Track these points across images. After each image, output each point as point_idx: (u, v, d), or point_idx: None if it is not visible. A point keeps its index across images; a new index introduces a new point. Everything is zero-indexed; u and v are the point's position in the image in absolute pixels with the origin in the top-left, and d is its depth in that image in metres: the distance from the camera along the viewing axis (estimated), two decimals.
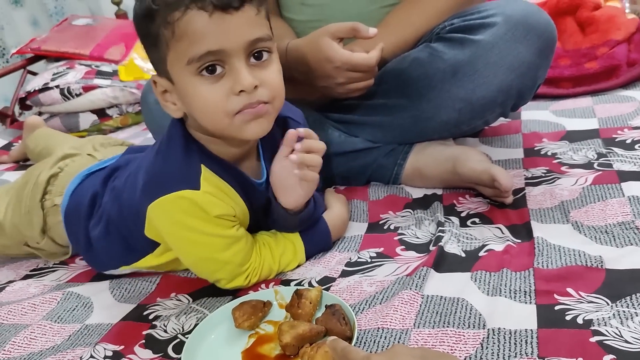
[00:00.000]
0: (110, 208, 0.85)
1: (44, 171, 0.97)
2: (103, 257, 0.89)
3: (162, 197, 0.73)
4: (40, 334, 0.79)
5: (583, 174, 0.94)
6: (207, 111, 0.71)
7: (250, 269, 0.81)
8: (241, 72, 0.68)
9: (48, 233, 0.96)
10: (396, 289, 0.75)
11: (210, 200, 0.75)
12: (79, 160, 0.99)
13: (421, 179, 1.02)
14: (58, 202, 0.94)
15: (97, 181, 0.91)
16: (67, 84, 1.70)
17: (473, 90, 0.91)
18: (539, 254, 0.75)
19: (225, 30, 0.67)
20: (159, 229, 0.78)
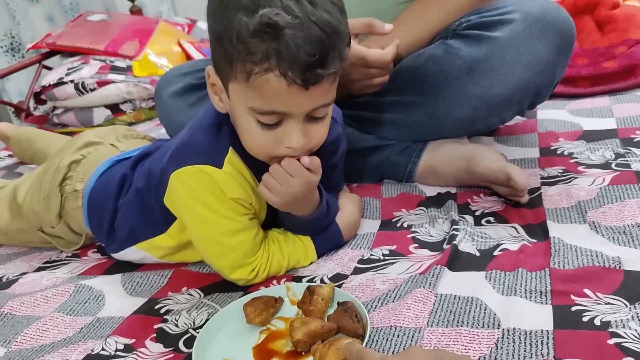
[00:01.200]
0: (138, 181, 0.87)
1: (66, 157, 0.98)
2: (122, 232, 0.89)
3: (184, 167, 0.75)
4: (52, 326, 0.79)
5: (600, 174, 0.92)
6: (251, 146, 0.74)
7: (257, 263, 0.80)
8: (294, 133, 0.70)
9: (64, 218, 0.98)
10: (409, 287, 0.74)
11: (229, 181, 0.76)
12: (102, 149, 1.01)
13: (435, 177, 1.01)
14: (79, 187, 0.95)
15: (126, 165, 0.93)
16: (81, 79, 1.71)
17: (489, 87, 0.90)
18: (555, 254, 0.74)
19: (297, 100, 0.67)
20: (176, 199, 0.79)
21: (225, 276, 0.82)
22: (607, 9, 1.41)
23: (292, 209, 0.80)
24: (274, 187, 0.76)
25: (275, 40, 0.63)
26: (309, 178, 0.76)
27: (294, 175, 0.75)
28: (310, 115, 0.71)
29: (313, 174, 0.76)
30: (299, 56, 0.63)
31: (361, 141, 1.05)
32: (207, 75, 0.75)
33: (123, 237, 0.90)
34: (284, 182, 0.75)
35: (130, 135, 1.11)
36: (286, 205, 0.79)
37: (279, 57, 0.64)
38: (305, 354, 0.65)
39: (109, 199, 0.92)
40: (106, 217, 0.91)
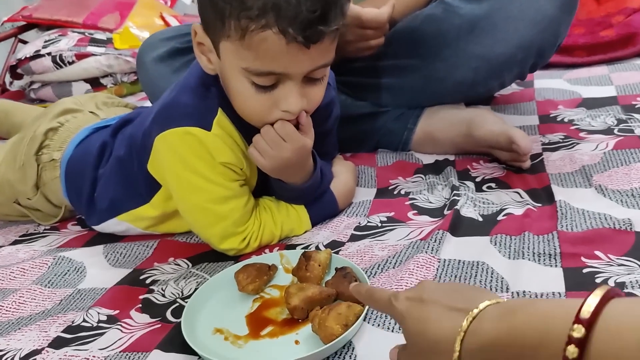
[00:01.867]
0: (119, 149, 0.82)
1: (42, 124, 0.92)
2: (102, 203, 0.84)
3: (171, 130, 0.70)
4: (30, 298, 0.74)
5: (603, 139, 0.89)
6: (244, 110, 0.70)
7: (248, 231, 0.76)
8: (292, 95, 0.66)
9: (42, 189, 0.92)
10: (410, 253, 0.70)
11: (219, 144, 0.71)
12: (80, 117, 0.95)
13: (432, 144, 0.97)
14: (57, 156, 0.90)
15: (106, 133, 0.87)
16: (59, 52, 1.63)
17: (491, 46, 0.86)
18: (562, 217, 0.71)
19: (296, 60, 0.63)
20: (162, 164, 0.74)
21: (214, 246, 0.77)
22: None
23: (284, 176, 0.76)
24: (265, 150, 0.72)
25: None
26: (302, 143, 0.71)
27: (286, 139, 0.70)
28: (309, 76, 0.67)
29: (307, 139, 0.72)
30: (299, 12, 0.59)
31: (355, 108, 1.01)
32: (193, 33, 0.70)
33: (104, 209, 0.85)
34: (275, 145, 0.71)
35: (111, 103, 1.05)
36: (277, 171, 0.74)
37: (278, 12, 0.59)
38: (302, 322, 0.61)
39: (88, 168, 0.86)
40: (85, 188, 0.86)
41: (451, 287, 0.44)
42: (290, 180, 0.77)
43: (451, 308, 0.40)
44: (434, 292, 0.43)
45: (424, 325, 0.41)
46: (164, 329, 0.64)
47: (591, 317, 0.30)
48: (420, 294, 0.43)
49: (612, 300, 0.31)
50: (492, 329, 0.36)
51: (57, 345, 0.63)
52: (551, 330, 0.32)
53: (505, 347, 0.35)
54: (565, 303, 0.33)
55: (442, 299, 0.41)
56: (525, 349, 0.34)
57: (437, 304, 0.41)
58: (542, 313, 0.34)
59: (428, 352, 0.41)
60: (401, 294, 0.45)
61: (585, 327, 0.30)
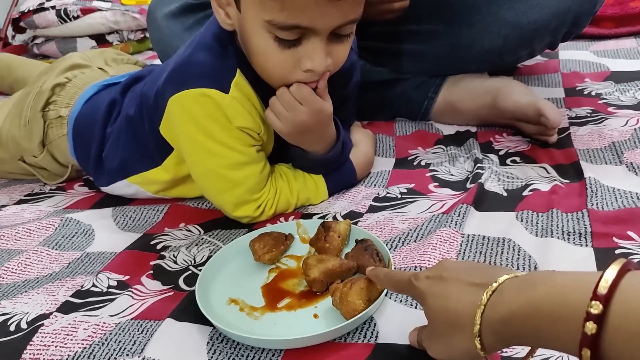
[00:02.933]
0: (129, 107, 0.78)
1: (49, 79, 0.88)
2: (112, 164, 0.81)
3: (186, 91, 0.66)
4: (37, 260, 0.72)
5: (633, 115, 0.86)
6: (266, 68, 0.66)
7: (263, 199, 0.73)
8: (317, 53, 0.62)
9: (48, 147, 0.89)
10: (432, 226, 0.67)
11: (236, 107, 0.67)
12: (89, 73, 0.91)
13: (454, 115, 0.93)
14: (64, 113, 0.86)
15: (116, 90, 0.84)
16: (64, 5, 1.58)
17: (525, 12, 0.82)
18: (592, 195, 0.68)
19: (324, 13, 0.59)
20: (175, 127, 0.70)
21: (228, 213, 0.74)
22: None
23: (303, 142, 0.72)
24: (281, 112, 0.68)
25: None
26: (319, 106, 0.68)
27: (302, 102, 0.67)
28: (335, 33, 0.63)
29: (324, 102, 0.68)
30: None
31: (374, 74, 0.97)
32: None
33: (113, 170, 0.82)
34: (291, 108, 0.67)
35: (121, 60, 1.00)
36: (295, 136, 0.71)
37: None
38: (321, 295, 0.59)
39: (97, 126, 0.83)
40: (94, 147, 0.83)
41: (470, 265, 0.45)
42: (310, 149, 0.73)
43: (471, 283, 0.41)
44: (453, 269, 0.44)
45: (445, 301, 0.42)
46: (176, 297, 0.61)
47: (608, 293, 0.31)
48: (440, 272, 0.44)
49: (628, 274, 0.31)
50: (512, 301, 0.37)
51: (65, 310, 0.61)
52: (570, 304, 0.33)
53: (524, 319, 0.36)
54: (584, 277, 0.34)
55: (461, 275, 0.42)
56: (544, 321, 0.34)
57: (457, 281, 0.42)
58: (561, 287, 0.34)
59: (450, 327, 0.42)
60: (421, 274, 0.45)
61: (603, 303, 0.30)
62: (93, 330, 0.57)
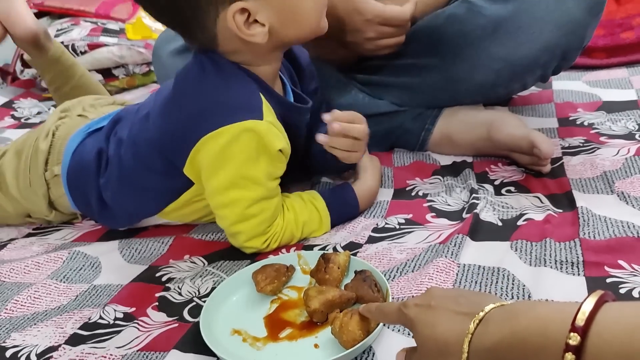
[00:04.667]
0: (122, 159, 0.79)
1: (41, 140, 0.87)
2: (119, 214, 0.84)
3: (225, 127, 0.67)
4: (45, 293, 0.74)
5: (625, 145, 0.88)
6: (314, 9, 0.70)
7: (271, 232, 0.75)
8: None
9: (55, 205, 0.89)
10: (429, 256, 0.69)
11: (274, 131, 0.70)
12: (68, 122, 0.90)
13: (450, 146, 0.96)
14: (57, 171, 0.85)
15: (100, 137, 0.84)
16: (71, 41, 1.62)
17: (515, 48, 0.85)
18: (584, 224, 0.70)
19: None
20: (206, 164, 0.71)
21: (238, 243, 0.76)
22: None
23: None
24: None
25: None
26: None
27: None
28: None
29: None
30: None
31: (373, 107, 0.99)
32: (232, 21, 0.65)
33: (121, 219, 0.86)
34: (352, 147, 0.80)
35: (99, 104, 0.99)
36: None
37: None
38: (321, 325, 0.61)
39: (90, 178, 0.83)
40: (93, 198, 0.83)
41: (458, 292, 0.46)
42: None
43: (458, 312, 0.42)
44: (441, 298, 0.45)
45: (433, 329, 0.43)
46: (181, 329, 0.63)
47: (585, 325, 0.33)
48: (428, 300, 0.45)
49: (604, 305, 0.33)
50: (497, 331, 0.39)
51: (73, 342, 0.63)
52: (550, 335, 0.34)
53: (509, 349, 0.37)
54: (564, 308, 0.35)
55: (449, 304, 0.44)
56: (527, 351, 0.36)
57: (445, 309, 0.44)
58: (542, 318, 0.36)
59: (439, 354, 0.43)
60: (409, 302, 0.47)
61: (580, 334, 0.32)
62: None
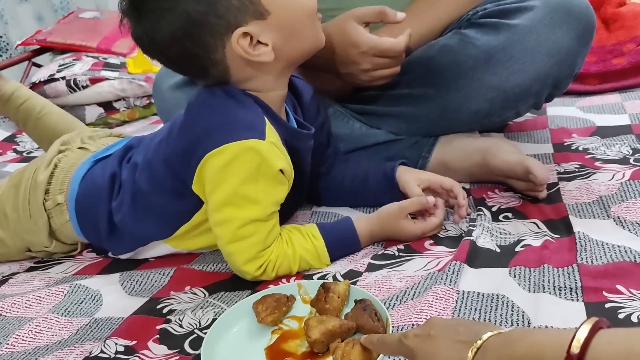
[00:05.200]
0: (136, 182, 0.81)
1: (40, 171, 0.89)
2: (131, 236, 0.85)
3: (229, 144, 0.70)
4: (46, 327, 0.74)
5: (620, 169, 0.89)
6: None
7: (265, 258, 0.76)
8: None
9: (56, 235, 0.90)
10: (428, 284, 0.70)
11: (275, 151, 0.73)
12: (71, 155, 0.93)
13: (447, 173, 0.96)
14: (61, 200, 0.88)
15: (111, 162, 0.87)
16: (73, 76, 1.66)
17: (507, 78, 0.87)
18: (581, 250, 0.71)
19: None
20: (210, 179, 0.73)
21: (235, 266, 0.76)
22: (614, 6, 1.39)
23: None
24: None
25: None
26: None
27: None
28: None
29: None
30: None
31: (370, 137, 1.01)
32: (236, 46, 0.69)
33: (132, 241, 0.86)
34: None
35: (97, 136, 1.02)
36: None
37: None
38: (322, 355, 0.61)
39: (102, 202, 0.85)
40: (102, 222, 0.85)
41: (457, 322, 0.47)
42: None
43: (457, 341, 0.43)
44: (441, 327, 0.46)
45: (433, 358, 0.44)
46: None
47: (580, 352, 0.33)
48: (428, 330, 0.46)
49: (599, 332, 0.34)
50: (494, 359, 0.39)
51: None
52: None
53: None
54: (560, 335, 0.36)
55: (448, 333, 0.45)
56: None
57: (445, 338, 0.45)
58: (539, 345, 0.37)
59: None
60: (410, 332, 0.48)
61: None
62: None
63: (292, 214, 0.94)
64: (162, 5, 0.68)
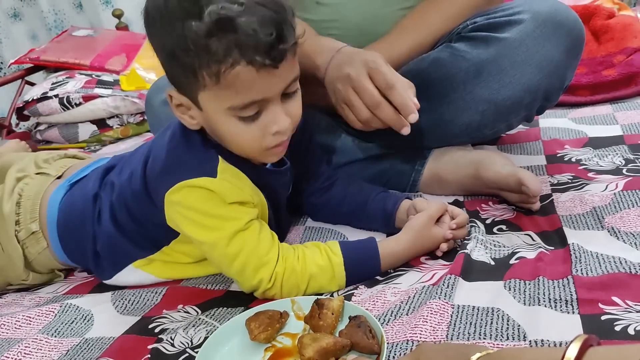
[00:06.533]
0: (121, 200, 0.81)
1: (5, 202, 0.88)
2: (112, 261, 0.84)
3: (178, 184, 0.72)
4: (36, 348, 0.72)
5: (612, 180, 0.89)
6: (241, 145, 0.72)
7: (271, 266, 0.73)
8: (278, 115, 0.69)
9: (32, 266, 0.89)
10: (423, 298, 0.69)
11: (227, 186, 0.72)
12: (32, 182, 0.91)
13: (440, 186, 0.97)
14: (35, 228, 0.87)
15: (92, 184, 0.86)
16: (66, 93, 1.65)
17: (498, 90, 0.87)
18: (576, 261, 0.70)
19: (270, 83, 0.67)
20: (176, 218, 0.75)
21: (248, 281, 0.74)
22: (603, 18, 1.40)
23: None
24: None
25: (232, 32, 0.62)
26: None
27: None
28: (285, 93, 0.70)
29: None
30: (259, 39, 0.63)
31: (363, 150, 1.01)
32: (169, 98, 0.72)
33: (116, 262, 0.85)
34: None
35: (51, 158, 1.00)
36: None
37: (240, 47, 0.63)
38: None
39: (87, 224, 0.84)
40: (89, 244, 0.84)
41: (446, 346, 0.48)
42: None
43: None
44: (430, 351, 0.46)
45: None
46: None
47: None
48: (417, 355, 0.46)
49: (589, 350, 0.34)
50: None
51: None
52: None
53: None
54: (550, 354, 0.36)
55: (437, 357, 0.45)
56: None
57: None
58: None
59: None
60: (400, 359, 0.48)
61: None
62: None
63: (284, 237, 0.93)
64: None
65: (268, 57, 0.63)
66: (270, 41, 0.63)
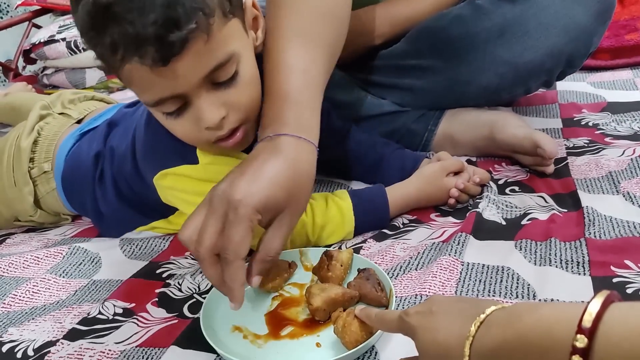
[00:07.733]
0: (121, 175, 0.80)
1: (23, 138, 0.87)
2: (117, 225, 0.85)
3: (162, 172, 0.71)
4: (44, 287, 0.73)
5: (630, 145, 0.88)
6: (186, 139, 0.65)
7: None
8: (203, 110, 0.59)
9: (40, 204, 0.89)
10: (432, 255, 0.69)
11: (212, 169, 0.68)
12: (53, 122, 0.92)
13: (453, 146, 0.95)
14: (47, 167, 0.87)
15: (96, 139, 0.85)
16: (73, 37, 1.62)
17: (520, 53, 0.84)
18: (589, 224, 0.69)
19: (171, 77, 0.55)
20: (169, 199, 0.74)
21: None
22: None
23: None
24: None
25: (112, 21, 0.51)
26: None
27: None
28: (215, 82, 0.59)
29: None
30: (138, 31, 0.51)
31: (375, 106, 0.99)
32: None
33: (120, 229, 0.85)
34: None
35: (77, 99, 0.99)
36: None
37: (124, 41, 0.52)
38: (324, 323, 0.60)
39: (87, 182, 0.83)
40: (88, 203, 0.84)
41: (459, 298, 0.46)
42: None
43: (459, 316, 0.42)
44: (442, 303, 0.45)
45: (434, 335, 0.42)
46: (180, 325, 0.63)
47: (592, 326, 0.31)
48: (429, 306, 0.45)
49: (611, 306, 0.32)
50: (499, 333, 0.38)
51: (72, 337, 0.62)
52: (556, 337, 0.33)
53: (512, 350, 0.36)
54: (569, 309, 0.34)
55: (450, 308, 0.43)
56: (531, 353, 0.35)
57: (446, 314, 0.43)
58: (547, 319, 0.35)
59: (440, 359, 0.42)
60: (411, 310, 0.46)
61: (588, 336, 0.31)
62: (99, 357, 0.58)
63: None
64: None
65: (157, 55, 0.52)
66: (154, 32, 0.51)
